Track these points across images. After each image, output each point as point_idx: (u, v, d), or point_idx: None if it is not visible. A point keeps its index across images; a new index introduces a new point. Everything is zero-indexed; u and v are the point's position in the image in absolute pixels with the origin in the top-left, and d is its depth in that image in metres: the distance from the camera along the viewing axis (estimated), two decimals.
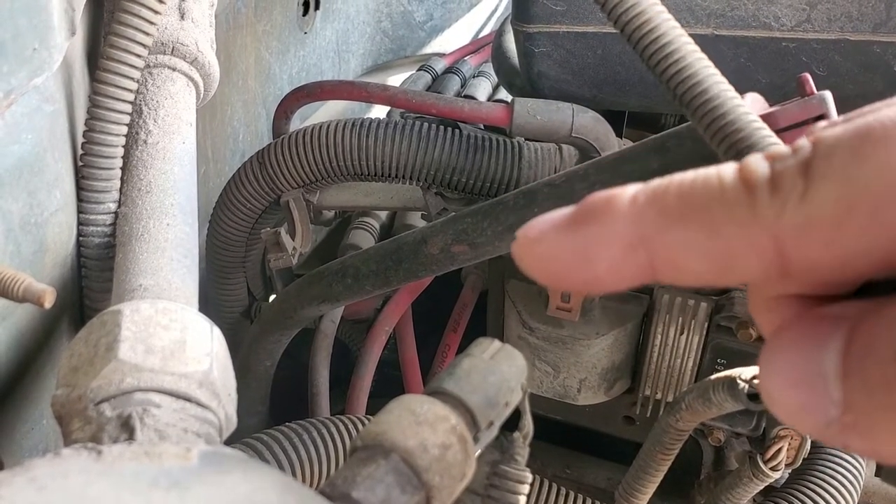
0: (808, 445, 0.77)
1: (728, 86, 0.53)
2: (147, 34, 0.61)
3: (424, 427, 0.32)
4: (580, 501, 0.86)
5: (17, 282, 0.48)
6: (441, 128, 0.90)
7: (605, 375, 0.92)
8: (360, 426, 0.82)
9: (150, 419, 0.39)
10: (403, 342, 1.10)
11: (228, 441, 0.46)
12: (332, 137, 0.90)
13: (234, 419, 0.45)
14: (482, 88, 1.26)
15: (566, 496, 0.87)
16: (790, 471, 0.88)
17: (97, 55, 0.64)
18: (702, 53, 0.54)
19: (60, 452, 0.32)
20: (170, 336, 0.43)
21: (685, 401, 0.73)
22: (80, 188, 0.62)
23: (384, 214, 1.17)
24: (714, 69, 0.54)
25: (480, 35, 1.70)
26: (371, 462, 0.31)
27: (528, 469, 0.39)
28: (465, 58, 1.41)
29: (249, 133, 1.15)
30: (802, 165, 0.21)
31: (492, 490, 0.38)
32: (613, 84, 0.89)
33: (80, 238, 0.63)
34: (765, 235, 0.21)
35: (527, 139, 0.91)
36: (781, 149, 0.22)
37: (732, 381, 0.67)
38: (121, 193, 0.63)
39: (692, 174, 0.22)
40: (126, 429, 0.38)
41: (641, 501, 0.83)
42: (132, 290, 0.52)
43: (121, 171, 0.63)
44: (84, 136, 0.62)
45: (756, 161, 0.22)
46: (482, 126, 0.97)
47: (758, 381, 0.68)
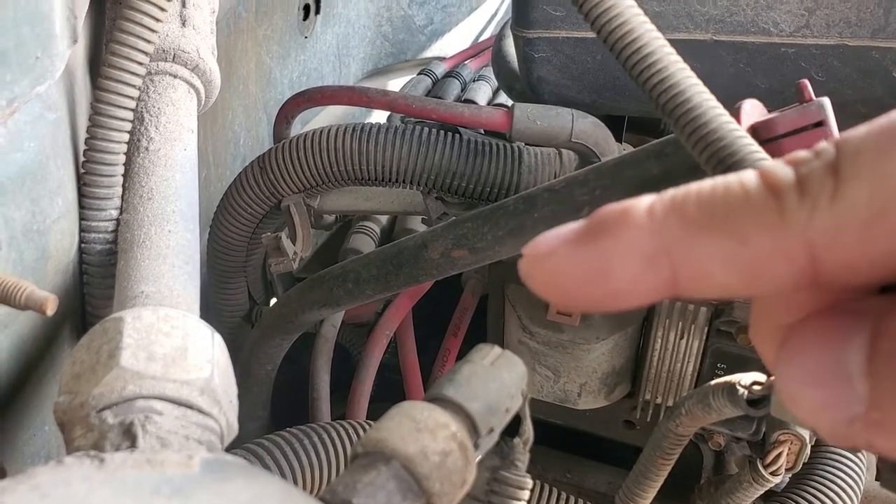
0: (809, 450, 0.77)
1: (710, 94, 0.53)
2: (148, 41, 0.61)
3: (425, 434, 0.32)
4: None
5: (20, 289, 0.48)
6: (441, 132, 0.90)
7: (606, 380, 0.92)
8: (361, 431, 0.82)
9: (152, 426, 0.39)
10: (404, 346, 1.10)
11: (230, 446, 0.46)
12: (333, 142, 0.91)
13: (236, 426, 0.45)
14: (482, 92, 1.26)
15: (567, 501, 0.88)
16: (790, 475, 0.88)
17: (99, 63, 0.64)
18: (683, 62, 0.54)
19: (63, 460, 0.32)
20: (171, 343, 0.43)
21: (685, 406, 0.73)
22: (82, 195, 0.62)
23: (385, 219, 1.17)
24: (696, 79, 0.54)
25: (480, 39, 1.70)
26: (372, 469, 0.31)
27: (529, 475, 0.39)
28: (466, 62, 1.41)
29: (250, 138, 1.16)
30: (830, 166, 0.20)
31: (492, 496, 0.39)
32: (613, 89, 0.89)
33: (82, 245, 0.63)
34: (796, 240, 0.20)
35: (527, 144, 0.91)
36: (802, 153, 0.21)
37: (732, 387, 0.68)
38: (122, 200, 0.63)
39: (710, 183, 0.21)
40: (128, 436, 0.39)
41: None
42: (134, 297, 0.52)
43: (122, 178, 0.63)
44: (86, 144, 0.62)
45: (778, 166, 0.21)
46: (482, 131, 0.98)
47: (758, 384, 0.68)
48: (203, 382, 0.42)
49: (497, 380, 0.35)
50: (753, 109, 0.61)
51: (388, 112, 1.11)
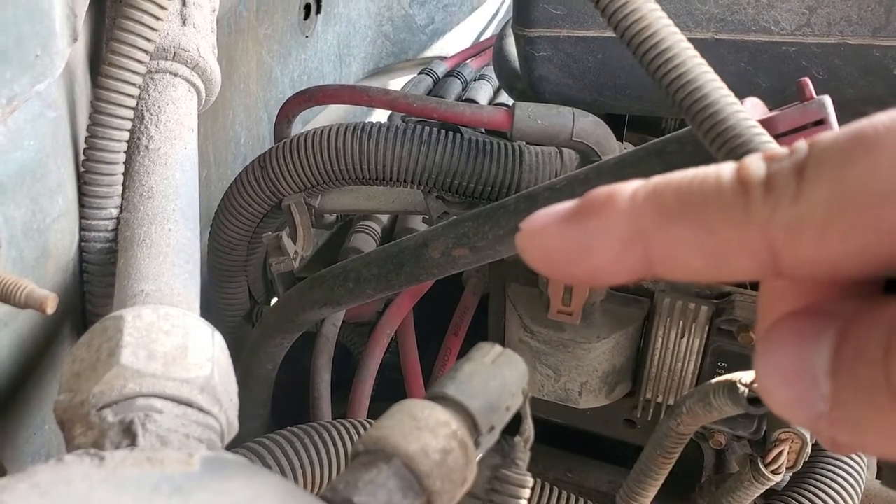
0: (809, 449, 0.77)
1: (727, 91, 0.53)
2: (149, 40, 0.61)
3: (425, 432, 0.32)
4: None
5: (20, 288, 0.48)
6: (442, 132, 0.90)
7: (606, 379, 0.92)
8: (362, 430, 0.82)
9: (152, 425, 0.39)
10: (405, 345, 1.10)
11: (230, 445, 0.46)
12: (334, 141, 0.91)
13: (236, 424, 0.45)
14: (483, 92, 1.26)
15: (567, 499, 0.88)
16: (791, 474, 0.88)
17: (99, 61, 0.64)
18: (701, 58, 0.54)
19: (63, 458, 0.32)
20: (171, 341, 0.43)
21: (686, 405, 0.73)
22: (83, 194, 0.62)
23: (385, 218, 1.17)
24: (713, 74, 0.54)
25: (481, 39, 1.70)
26: (373, 467, 0.31)
27: (530, 473, 0.39)
28: (467, 61, 1.41)
29: (251, 137, 1.16)
30: (797, 166, 0.21)
31: (493, 494, 0.39)
32: (614, 88, 0.89)
33: (83, 244, 0.63)
34: (757, 234, 0.21)
35: (528, 143, 0.91)
36: (780, 150, 0.22)
37: (733, 385, 0.68)
38: (123, 199, 0.63)
39: (692, 172, 0.23)
40: (128, 434, 0.38)
41: None
42: (134, 296, 0.52)
43: (123, 177, 0.63)
44: (86, 142, 0.62)
45: (754, 161, 0.22)
46: (483, 130, 0.98)
47: (756, 383, 0.68)
48: (203, 381, 0.42)
49: (498, 378, 0.35)
50: (754, 108, 0.61)
51: (390, 111, 1.11)
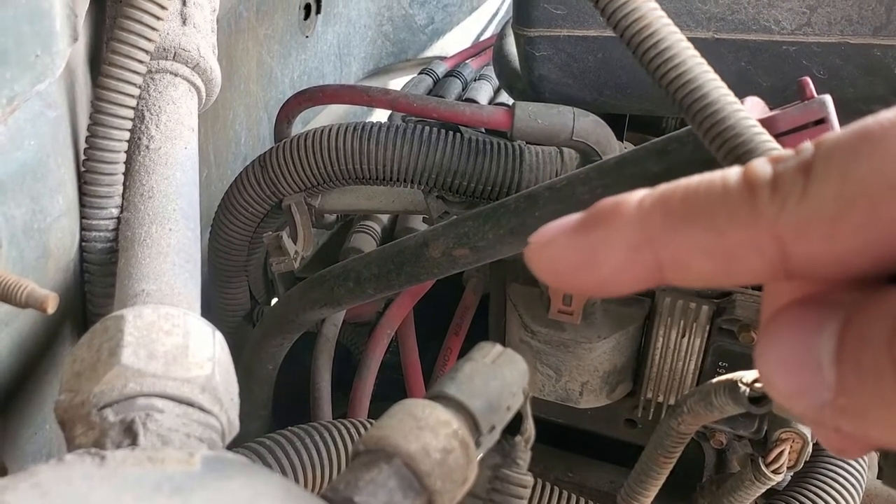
0: (810, 449, 0.77)
1: (727, 90, 0.53)
2: (149, 40, 0.61)
3: (426, 431, 0.32)
4: None
5: (20, 287, 0.48)
6: (442, 131, 0.90)
7: (607, 379, 0.92)
8: (363, 430, 0.82)
9: (153, 424, 0.39)
10: (405, 345, 1.10)
11: (231, 445, 0.46)
12: (334, 141, 0.91)
13: (237, 424, 0.45)
14: (483, 91, 1.26)
15: (568, 499, 0.88)
16: (792, 474, 0.88)
17: (100, 61, 0.64)
18: (701, 58, 0.54)
19: (64, 458, 0.32)
20: (172, 341, 0.43)
21: (687, 404, 0.73)
22: (83, 193, 0.62)
23: (386, 218, 1.17)
24: (713, 73, 0.54)
25: (482, 38, 1.70)
26: (373, 466, 0.31)
27: (530, 473, 0.39)
28: (467, 61, 1.41)
29: (251, 137, 1.16)
30: (803, 165, 0.21)
31: (494, 494, 0.38)
32: (614, 87, 0.89)
33: (83, 243, 0.63)
34: (766, 235, 0.21)
35: (528, 143, 0.91)
36: (785, 152, 0.22)
37: (734, 385, 0.67)
38: (123, 199, 0.63)
39: (698, 178, 0.23)
40: (129, 434, 0.38)
41: None
42: (135, 296, 0.52)
43: (123, 177, 0.63)
44: (86, 142, 0.62)
45: (760, 164, 0.22)
46: (483, 130, 0.98)
47: (759, 381, 0.68)
48: (204, 380, 0.42)
49: (498, 378, 0.35)
50: (755, 107, 0.61)
51: (390, 111, 1.11)
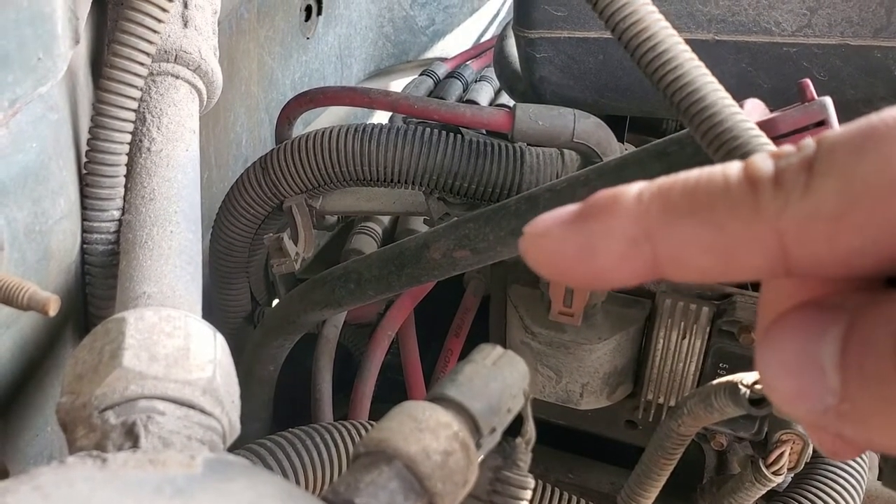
0: (811, 450, 0.77)
1: (725, 93, 0.53)
2: (150, 42, 0.61)
3: (427, 433, 0.32)
4: None
5: (22, 290, 0.48)
6: (443, 133, 0.90)
7: (608, 380, 0.92)
8: (363, 431, 0.82)
9: (155, 427, 0.39)
10: (406, 347, 1.10)
11: (232, 446, 0.46)
12: (335, 143, 0.91)
13: (238, 426, 0.45)
14: (484, 93, 1.26)
15: (569, 501, 0.88)
16: (792, 475, 0.88)
17: (101, 63, 0.64)
18: (698, 60, 0.54)
19: (65, 460, 0.32)
20: (173, 344, 0.43)
21: (687, 406, 0.73)
22: (85, 196, 0.62)
23: (387, 219, 1.17)
24: (710, 76, 0.54)
25: (482, 40, 1.70)
26: (374, 468, 0.32)
27: (531, 475, 0.39)
28: (467, 62, 1.41)
29: (252, 139, 1.16)
30: (806, 162, 0.21)
31: (494, 496, 0.39)
32: (615, 89, 0.89)
33: (85, 245, 0.63)
34: (768, 231, 0.21)
35: (529, 144, 0.91)
36: (786, 148, 0.22)
37: (734, 387, 0.67)
38: (124, 201, 0.63)
39: (697, 172, 0.23)
40: (130, 436, 0.39)
41: None
42: (136, 298, 0.52)
43: (124, 179, 0.63)
44: (88, 144, 0.62)
45: (761, 159, 0.22)
46: (484, 131, 0.98)
47: (759, 384, 0.68)
48: (205, 382, 0.42)
49: (499, 380, 0.36)
50: (755, 109, 0.61)
51: (391, 113, 1.11)
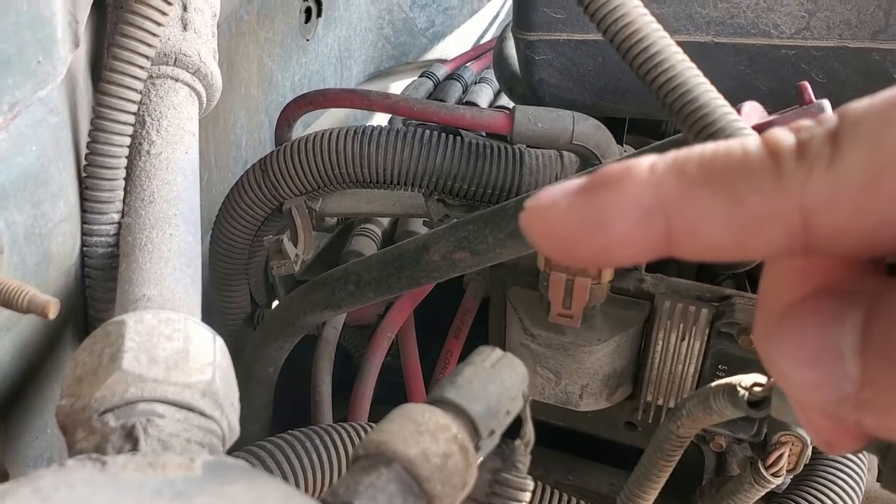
0: (810, 452, 0.77)
1: (717, 94, 0.53)
2: (150, 45, 0.61)
3: (426, 436, 0.32)
4: None
5: (22, 293, 0.48)
6: (443, 135, 0.90)
7: (607, 381, 0.92)
8: (363, 433, 0.82)
9: (154, 429, 0.39)
10: (406, 348, 1.11)
11: (232, 449, 0.46)
12: (335, 145, 0.91)
13: (237, 428, 0.45)
14: (484, 95, 1.26)
15: (568, 502, 0.88)
16: (792, 477, 0.88)
17: (101, 66, 0.64)
18: (690, 62, 0.55)
19: (65, 463, 0.32)
20: (173, 346, 0.43)
21: (686, 407, 0.73)
22: (84, 199, 0.62)
23: (386, 221, 1.18)
24: (703, 78, 0.54)
25: (482, 42, 1.71)
26: (373, 471, 0.32)
27: (530, 476, 0.39)
28: (467, 64, 1.41)
29: (252, 141, 1.16)
30: (830, 133, 0.20)
31: (493, 498, 0.39)
32: (614, 91, 0.89)
33: (84, 248, 0.63)
34: (790, 203, 0.20)
35: (528, 146, 0.91)
36: (806, 122, 0.21)
37: (733, 389, 0.68)
38: (124, 204, 0.63)
39: (713, 145, 0.22)
40: (130, 439, 0.39)
41: None
42: (136, 301, 0.53)
43: (124, 182, 0.63)
44: (88, 147, 0.62)
45: (781, 132, 0.21)
46: (484, 133, 0.98)
47: (759, 389, 0.68)
48: (205, 385, 0.42)
49: (498, 382, 0.36)
50: (753, 111, 0.61)
51: (390, 115, 1.11)
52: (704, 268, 1.00)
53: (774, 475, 0.78)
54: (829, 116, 0.21)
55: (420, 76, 1.36)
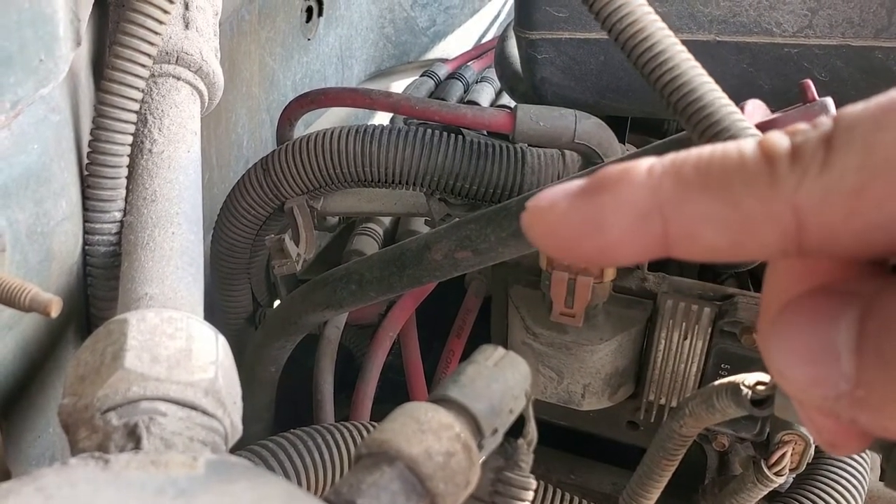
0: (813, 451, 0.77)
1: (721, 93, 0.53)
2: (152, 44, 0.61)
3: (429, 435, 0.32)
4: None
5: (24, 291, 0.48)
6: (444, 134, 0.90)
7: (609, 381, 0.92)
8: (365, 433, 0.82)
9: (157, 428, 0.39)
10: (407, 347, 1.11)
11: (234, 448, 0.46)
12: (336, 144, 0.91)
13: (240, 427, 0.45)
14: (485, 94, 1.26)
15: (571, 501, 0.88)
16: (794, 476, 0.88)
17: (102, 65, 0.64)
18: (694, 60, 0.54)
19: (68, 462, 0.32)
20: (175, 345, 0.43)
21: (689, 406, 0.73)
22: (86, 197, 0.62)
23: (388, 220, 1.17)
24: (707, 76, 0.54)
25: (483, 41, 1.71)
26: (376, 469, 0.32)
27: (533, 475, 0.39)
28: (468, 63, 1.41)
29: (254, 140, 1.16)
30: (824, 137, 0.21)
31: (496, 497, 0.39)
32: (616, 90, 0.89)
33: (86, 247, 0.63)
34: (784, 206, 0.21)
35: (530, 145, 0.91)
36: (801, 125, 0.22)
37: (736, 388, 0.67)
38: (126, 202, 0.63)
39: (710, 148, 0.22)
40: (132, 437, 0.39)
41: None
42: (138, 299, 0.53)
43: (126, 181, 0.63)
44: (90, 146, 0.62)
45: (776, 135, 0.22)
46: (485, 132, 0.98)
47: (762, 388, 0.68)
48: (207, 384, 0.42)
49: (501, 381, 0.36)
50: (756, 109, 0.61)
51: (392, 114, 1.11)
52: (707, 267, 1.00)
53: (777, 474, 0.78)
54: (826, 120, 0.21)
55: (421, 75, 1.36)
